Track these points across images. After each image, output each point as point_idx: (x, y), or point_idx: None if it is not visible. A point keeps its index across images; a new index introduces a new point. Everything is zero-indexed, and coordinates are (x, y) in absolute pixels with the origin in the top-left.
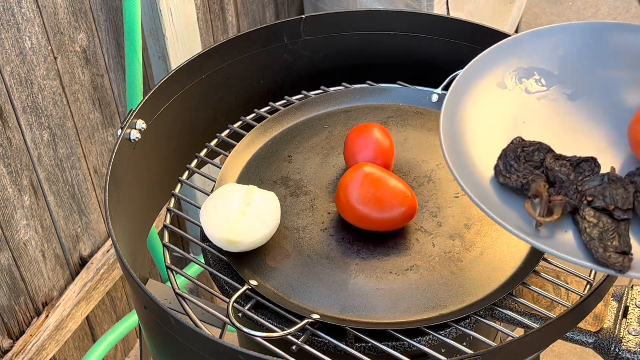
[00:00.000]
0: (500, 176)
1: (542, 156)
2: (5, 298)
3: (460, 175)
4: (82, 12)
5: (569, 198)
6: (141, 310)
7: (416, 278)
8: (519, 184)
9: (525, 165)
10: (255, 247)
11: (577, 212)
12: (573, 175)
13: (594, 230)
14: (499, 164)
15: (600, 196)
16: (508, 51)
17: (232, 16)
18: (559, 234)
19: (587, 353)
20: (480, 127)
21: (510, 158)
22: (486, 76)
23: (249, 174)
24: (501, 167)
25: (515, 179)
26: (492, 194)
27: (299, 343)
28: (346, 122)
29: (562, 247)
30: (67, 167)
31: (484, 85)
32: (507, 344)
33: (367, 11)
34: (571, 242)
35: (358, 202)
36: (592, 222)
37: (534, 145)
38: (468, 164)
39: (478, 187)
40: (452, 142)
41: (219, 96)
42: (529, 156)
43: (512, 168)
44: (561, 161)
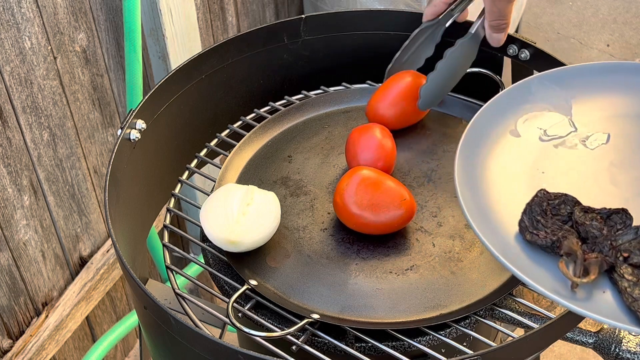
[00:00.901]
0: (527, 233)
1: (569, 209)
2: (5, 298)
3: (484, 233)
4: (82, 12)
5: (605, 255)
6: (141, 310)
7: (416, 278)
8: (549, 242)
9: (553, 220)
10: (255, 247)
11: (613, 270)
12: (606, 231)
13: (636, 290)
14: (524, 219)
15: (637, 251)
16: (518, 97)
17: (232, 16)
18: (597, 295)
19: (587, 353)
20: (498, 179)
21: (536, 213)
22: (498, 124)
23: (249, 174)
24: (527, 223)
25: (544, 236)
26: (519, 253)
27: (299, 343)
28: (346, 122)
29: (602, 309)
30: (67, 167)
31: (497, 134)
32: (507, 344)
33: (367, 11)
34: (611, 302)
35: (355, 207)
36: (632, 281)
37: (560, 197)
38: (490, 219)
39: (504, 245)
40: (471, 197)
41: (219, 96)
42: (555, 210)
43: (539, 224)
44: (591, 214)
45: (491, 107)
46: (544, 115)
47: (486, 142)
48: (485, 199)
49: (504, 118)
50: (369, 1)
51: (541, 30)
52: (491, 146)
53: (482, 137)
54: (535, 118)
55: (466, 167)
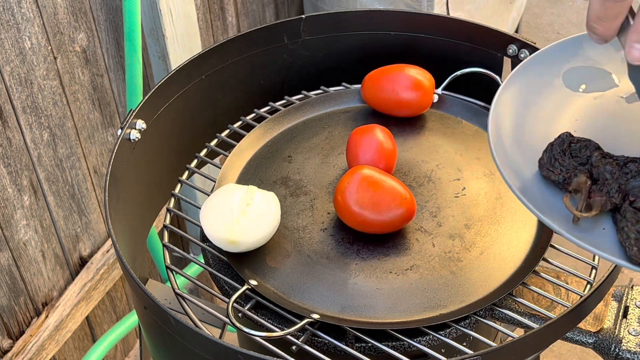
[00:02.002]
0: (544, 169)
1: (589, 153)
2: (5, 298)
3: (503, 165)
4: (82, 12)
5: (610, 196)
6: (141, 310)
7: (416, 278)
8: (561, 178)
9: (571, 161)
10: (255, 247)
11: (617, 211)
12: (618, 174)
13: (632, 230)
14: (544, 157)
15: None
16: (568, 49)
17: (232, 16)
18: (597, 231)
19: (587, 353)
20: (531, 122)
21: (556, 152)
22: (545, 71)
23: (249, 174)
24: (545, 160)
25: (558, 173)
26: (534, 186)
27: (299, 343)
28: (346, 122)
29: (597, 243)
30: (67, 167)
31: (540, 82)
32: (507, 344)
33: (367, 11)
34: (607, 239)
35: (356, 205)
36: (631, 221)
37: (582, 141)
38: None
39: (520, 178)
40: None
41: (219, 96)
42: (576, 152)
43: (556, 162)
44: (608, 159)
45: (540, 56)
46: (590, 69)
47: (529, 88)
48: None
49: (550, 67)
50: (369, 1)
51: (541, 30)
52: (532, 92)
53: (527, 80)
54: (581, 71)
55: (503, 104)
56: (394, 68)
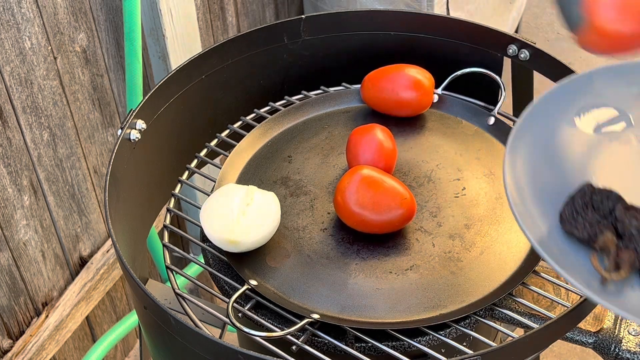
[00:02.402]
0: (566, 224)
1: (611, 205)
2: (5, 298)
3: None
4: (82, 12)
5: (638, 253)
6: (141, 310)
7: (416, 278)
8: (586, 235)
9: (594, 215)
10: (255, 247)
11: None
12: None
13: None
14: (565, 211)
15: None
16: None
17: (232, 16)
18: (627, 291)
19: (587, 353)
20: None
21: (578, 205)
22: (557, 112)
23: (249, 174)
24: (567, 215)
25: (582, 229)
26: (557, 242)
27: (299, 343)
28: (346, 122)
29: (629, 305)
30: (67, 167)
31: (552, 123)
32: (507, 344)
33: (367, 11)
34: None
35: (356, 205)
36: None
37: (604, 192)
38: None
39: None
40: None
41: (219, 96)
42: (598, 204)
43: (579, 216)
44: (632, 212)
45: (551, 96)
46: (602, 108)
47: (541, 130)
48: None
49: (562, 108)
50: (369, 1)
51: (541, 30)
52: (545, 135)
53: (537, 125)
54: (593, 110)
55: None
56: (394, 68)
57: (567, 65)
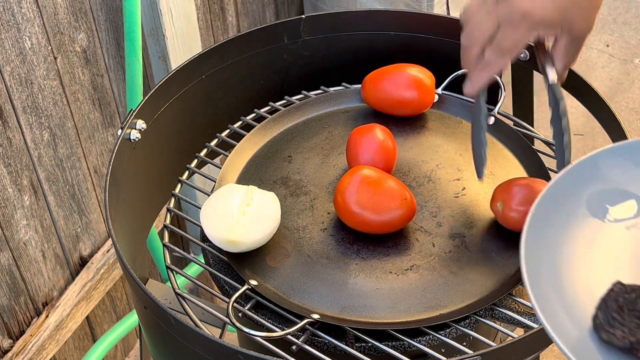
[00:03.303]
0: (602, 332)
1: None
2: (5, 298)
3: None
4: (82, 12)
5: None
6: (141, 310)
7: (416, 278)
8: (627, 343)
9: (631, 318)
10: (255, 247)
11: None
12: None
13: None
14: (599, 315)
15: None
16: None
17: (232, 16)
18: None
19: None
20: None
21: (612, 309)
22: (564, 204)
23: (249, 174)
24: (602, 321)
25: (621, 336)
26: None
27: (299, 343)
28: (346, 122)
29: None
30: (67, 167)
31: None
32: (507, 344)
33: (367, 11)
34: None
35: (356, 205)
36: None
37: (637, 290)
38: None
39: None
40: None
41: (219, 96)
42: (632, 305)
43: (615, 322)
44: None
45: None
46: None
47: (553, 224)
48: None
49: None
50: (369, 1)
51: None
52: (558, 229)
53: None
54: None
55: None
56: (394, 68)
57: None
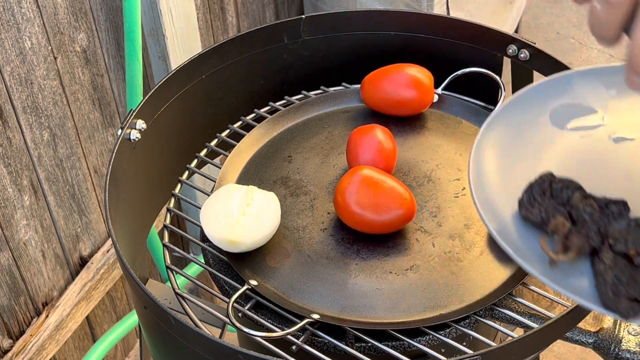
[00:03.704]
0: (522, 209)
1: (569, 194)
2: (5, 298)
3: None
4: (82, 12)
5: (589, 238)
6: (141, 310)
7: (416, 278)
8: (539, 219)
9: (551, 202)
10: (255, 247)
11: (596, 254)
12: (598, 216)
13: (609, 274)
14: (524, 197)
15: (623, 240)
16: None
17: (232, 16)
18: (574, 275)
19: (587, 353)
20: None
21: (536, 192)
22: (532, 108)
23: (249, 174)
24: (525, 200)
25: (536, 214)
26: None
27: (299, 343)
28: (346, 122)
29: (573, 287)
30: (67, 167)
31: (527, 119)
32: (507, 344)
33: (367, 11)
34: (585, 284)
35: (356, 206)
36: (609, 266)
37: (564, 182)
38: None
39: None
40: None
41: (219, 96)
42: (557, 192)
43: (535, 202)
44: (588, 200)
45: (529, 93)
46: (578, 106)
47: (514, 125)
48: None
49: (537, 104)
50: (369, 1)
51: (541, 30)
52: (518, 129)
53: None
54: (569, 108)
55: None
56: (394, 68)
57: (567, 65)
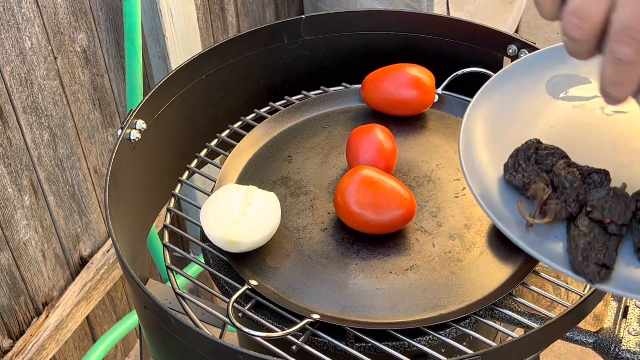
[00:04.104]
0: (506, 173)
1: (554, 161)
2: (5, 298)
3: (468, 167)
4: (82, 12)
5: (567, 204)
6: (141, 310)
7: (416, 278)
8: (521, 183)
9: (534, 167)
10: (255, 247)
11: (572, 221)
12: (578, 184)
13: (582, 240)
14: (509, 161)
15: (600, 208)
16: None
17: (232, 16)
18: (549, 240)
19: (587, 353)
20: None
21: (521, 157)
22: (530, 76)
23: (249, 174)
24: (509, 165)
25: (519, 178)
26: (495, 191)
27: (299, 343)
28: (346, 122)
29: (547, 251)
30: (67, 167)
31: (525, 84)
32: (507, 344)
33: (367, 11)
34: (559, 248)
35: (356, 206)
36: (583, 232)
37: (549, 149)
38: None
39: (483, 183)
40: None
41: (219, 96)
42: (541, 159)
43: (519, 167)
44: (571, 169)
45: (526, 62)
46: (574, 78)
47: (509, 92)
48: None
49: (534, 73)
50: (369, 1)
51: (541, 30)
52: (512, 96)
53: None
54: (565, 79)
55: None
56: (394, 68)
57: None
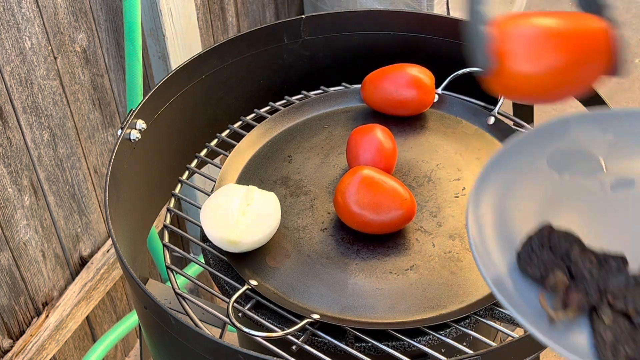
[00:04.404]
0: (521, 263)
1: (567, 246)
2: (5, 298)
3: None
4: (82, 12)
5: (588, 296)
6: (141, 310)
7: (416, 278)
8: (538, 274)
9: (550, 255)
10: (255, 247)
11: (595, 312)
12: (596, 272)
13: (608, 333)
14: (523, 250)
15: (622, 298)
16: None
17: (232, 16)
18: (574, 332)
19: None
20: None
21: (535, 245)
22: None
23: (249, 174)
24: (524, 254)
25: (535, 268)
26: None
27: (299, 343)
28: (346, 122)
29: (572, 346)
30: (67, 167)
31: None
32: (507, 344)
33: (367, 11)
34: (583, 340)
35: (356, 206)
36: (608, 325)
37: (562, 234)
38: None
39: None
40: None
41: (219, 96)
42: (555, 245)
43: (534, 255)
44: (587, 255)
45: (526, 137)
46: (576, 152)
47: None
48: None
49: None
50: (369, 1)
51: None
52: (515, 175)
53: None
54: (567, 153)
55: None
56: (394, 68)
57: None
